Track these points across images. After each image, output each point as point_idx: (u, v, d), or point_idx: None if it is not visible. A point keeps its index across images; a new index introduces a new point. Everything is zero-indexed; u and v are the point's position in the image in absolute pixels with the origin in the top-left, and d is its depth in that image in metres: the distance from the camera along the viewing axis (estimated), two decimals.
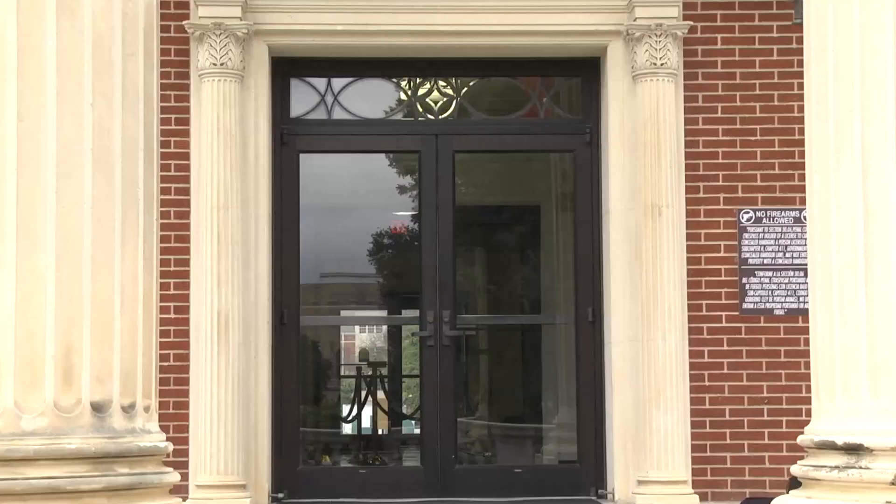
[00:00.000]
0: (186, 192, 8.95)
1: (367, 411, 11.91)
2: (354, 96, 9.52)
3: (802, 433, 5.37)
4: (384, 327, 13.06)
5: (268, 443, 9.01)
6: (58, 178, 4.78)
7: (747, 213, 9.08)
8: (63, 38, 4.82)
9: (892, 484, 4.90)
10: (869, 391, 5.03)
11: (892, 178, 5.03)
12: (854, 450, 5.02)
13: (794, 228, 9.03)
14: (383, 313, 12.12)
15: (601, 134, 9.31)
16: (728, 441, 8.95)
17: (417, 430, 9.94)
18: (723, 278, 9.05)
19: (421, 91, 9.67)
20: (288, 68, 9.40)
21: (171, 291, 8.83)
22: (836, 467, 5.06)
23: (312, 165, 9.58)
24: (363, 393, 11.82)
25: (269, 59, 9.14)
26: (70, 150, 4.81)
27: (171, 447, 5.18)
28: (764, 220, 9.07)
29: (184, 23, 8.96)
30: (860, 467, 4.99)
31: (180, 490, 8.09)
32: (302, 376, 9.87)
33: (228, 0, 8.89)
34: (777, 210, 9.07)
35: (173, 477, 5.11)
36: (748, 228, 9.07)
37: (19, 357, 4.70)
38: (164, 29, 8.70)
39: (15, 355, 4.69)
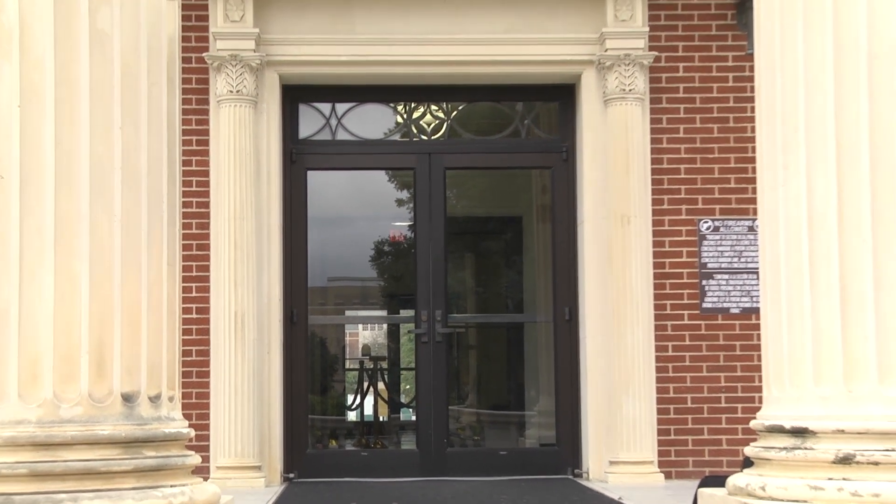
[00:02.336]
0: (206, 205, 8.96)
1: (369, 400, 11.88)
2: (356, 119, 9.52)
3: (755, 418, 5.40)
4: (384, 325, 13.05)
5: (280, 429, 9.02)
6: (91, 193, 4.79)
7: (706, 222, 9.09)
8: (95, 69, 4.83)
9: (833, 463, 4.92)
10: (813, 381, 5.05)
11: (832, 192, 5.06)
12: (800, 433, 5.04)
13: (747, 236, 9.04)
14: (383, 313, 12.10)
15: (576, 152, 9.32)
16: (690, 426, 8.96)
17: (414, 417, 9.93)
18: (685, 281, 9.06)
19: (415, 114, 9.68)
20: (296, 94, 9.41)
21: (193, 294, 8.84)
22: (784, 448, 5.08)
23: (319, 181, 9.58)
24: (365, 384, 11.80)
25: (279, 86, 9.15)
26: (101, 168, 4.82)
27: (193, 433, 5.19)
28: (721, 229, 9.09)
29: (204, 54, 8.97)
30: (805, 448, 5.01)
31: (202, 471, 8.08)
32: (310, 369, 9.87)
33: (243, 34, 8.91)
34: (733, 220, 9.08)
35: (195, 459, 5.12)
36: (707, 236, 9.08)
37: (57, 353, 4.71)
38: (185, 60, 8.71)
39: (54, 351, 4.70)
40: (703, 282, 9.05)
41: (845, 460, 4.87)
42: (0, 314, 4.68)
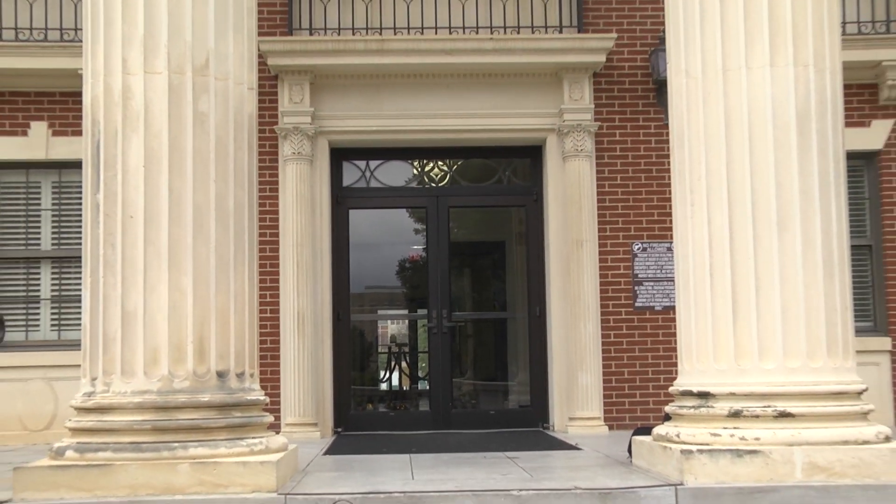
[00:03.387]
0: (276, 235, 9.00)
1: (396, 375, 11.86)
2: (384, 172, 9.56)
3: (672, 385, 5.45)
4: (406, 321, 13.04)
5: (331, 395, 9.04)
6: (193, 228, 4.86)
7: (638, 244, 9.12)
8: (197, 139, 4.91)
9: (727, 417, 4.98)
10: (713, 358, 5.11)
11: (726, 223, 5.11)
12: (704, 395, 5.10)
13: (666, 255, 9.07)
14: (405, 312, 12.05)
15: (543, 195, 9.35)
16: (626, 391, 8.97)
17: (427, 387, 9.94)
18: (622, 287, 9.08)
19: (427, 168, 9.69)
20: (341, 154, 9.44)
21: (267, 299, 8.88)
22: (693, 406, 5.14)
23: (357, 217, 9.57)
24: (392, 363, 11.77)
25: (328, 149, 9.19)
26: (200, 210, 4.90)
27: (268, 399, 5.26)
28: (648, 250, 9.12)
29: (274, 127, 9.03)
30: (707, 406, 5.06)
31: (274, 427, 8.14)
32: (352, 353, 9.87)
33: (302, 112, 8.98)
34: (656, 243, 9.11)
35: (269, 419, 5.19)
36: (638, 254, 9.12)
37: (171, 343, 4.78)
38: (261, 131, 8.78)
39: (168, 342, 4.77)
40: (636, 287, 9.08)
41: (735, 415, 4.93)
42: (130, 315, 4.76)
